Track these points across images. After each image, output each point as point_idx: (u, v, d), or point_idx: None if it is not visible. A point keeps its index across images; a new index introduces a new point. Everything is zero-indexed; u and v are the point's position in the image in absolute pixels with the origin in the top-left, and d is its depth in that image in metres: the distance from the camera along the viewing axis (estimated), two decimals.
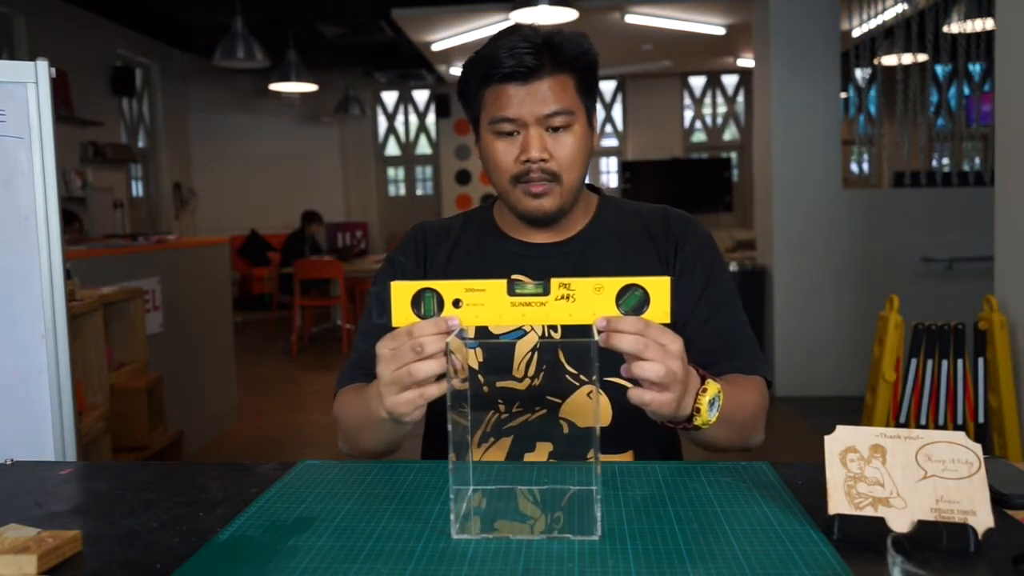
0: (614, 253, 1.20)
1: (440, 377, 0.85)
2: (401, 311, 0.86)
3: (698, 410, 0.93)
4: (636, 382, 0.86)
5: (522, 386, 1.14)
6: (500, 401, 1.14)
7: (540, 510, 0.87)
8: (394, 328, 0.87)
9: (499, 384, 1.14)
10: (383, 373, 0.87)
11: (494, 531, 0.79)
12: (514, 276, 1.18)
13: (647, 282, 0.84)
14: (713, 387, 0.94)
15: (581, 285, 0.84)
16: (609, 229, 1.23)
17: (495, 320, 0.86)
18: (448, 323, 0.84)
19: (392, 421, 0.91)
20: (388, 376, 0.86)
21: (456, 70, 8.40)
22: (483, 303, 0.85)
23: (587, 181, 1.24)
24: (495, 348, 1.16)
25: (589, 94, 1.18)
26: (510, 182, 1.15)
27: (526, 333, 1.15)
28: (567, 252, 1.21)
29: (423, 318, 0.86)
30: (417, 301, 0.86)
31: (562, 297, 0.85)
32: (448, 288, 0.85)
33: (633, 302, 0.84)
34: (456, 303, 0.86)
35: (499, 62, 1.11)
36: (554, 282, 0.85)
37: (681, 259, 1.20)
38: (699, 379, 0.94)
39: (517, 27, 1.15)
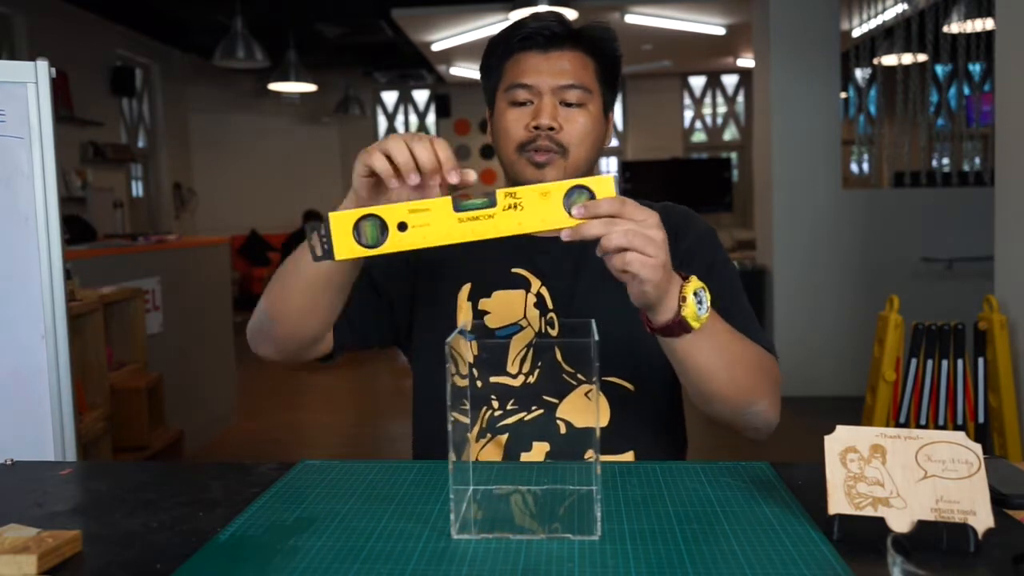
0: None
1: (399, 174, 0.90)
2: (343, 242, 0.84)
3: (684, 299, 0.90)
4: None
5: (516, 382, 1.13)
6: (493, 397, 1.12)
7: (540, 510, 0.87)
8: (337, 262, 0.87)
9: (493, 379, 1.13)
10: (389, 146, 0.90)
11: (494, 531, 0.79)
12: (513, 269, 1.17)
13: (592, 181, 0.85)
14: (696, 281, 0.92)
15: (527, 192, 0.84)
16: None
17: (444, 238, 0.84)
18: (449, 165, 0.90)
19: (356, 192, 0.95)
20: (392, 145, 0.90)
21: (456, 70, 8.40)
22: (429, 223, 0.84)
23: None
24: (489, 343, 1.15)
25: (608, 85, 1.18)
26: (516, 150, 1.14)
27: (522, 328, 1.14)
28: (568, 248, 1.18)
29: (367, 247, 0.84)
30: (358, 230, 0.84)
31: (510, 207, 0.84)
32: (390, 212, 0.84)
33: (581, 202, 0.85)
34: (402, 226, 0.84)
35: (524, 25, 1.14)
36: (500, 192, 0.84)
37: (681, 252, 1.17)
38: (681, 279, 0.92)
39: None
